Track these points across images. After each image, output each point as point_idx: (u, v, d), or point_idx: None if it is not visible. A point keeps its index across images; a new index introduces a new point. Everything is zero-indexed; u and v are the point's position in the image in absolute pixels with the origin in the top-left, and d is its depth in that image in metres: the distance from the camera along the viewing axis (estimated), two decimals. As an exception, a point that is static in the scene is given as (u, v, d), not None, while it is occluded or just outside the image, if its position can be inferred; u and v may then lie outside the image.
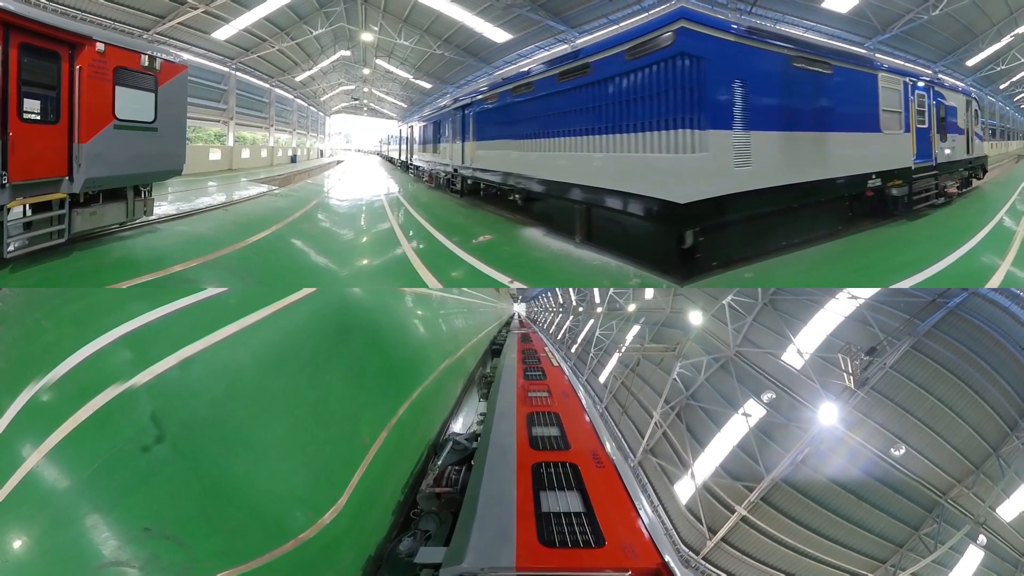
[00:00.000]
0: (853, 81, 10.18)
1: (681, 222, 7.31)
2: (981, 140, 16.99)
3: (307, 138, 61.58)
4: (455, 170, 19.12)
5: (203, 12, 27.45)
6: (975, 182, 16.30)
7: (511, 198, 13.93)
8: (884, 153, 10.86)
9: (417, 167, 29.67)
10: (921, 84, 12.46)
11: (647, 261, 8.35)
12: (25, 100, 7.58)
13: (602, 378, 28.76)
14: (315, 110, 64.74)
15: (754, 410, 17.80)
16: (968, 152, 15.24)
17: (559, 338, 43.40)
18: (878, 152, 10.70)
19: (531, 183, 11.74)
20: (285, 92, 50.50)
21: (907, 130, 11.70)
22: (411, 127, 32.68)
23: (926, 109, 12.54)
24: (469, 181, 17.82)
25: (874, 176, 10.55)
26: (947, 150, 13.56)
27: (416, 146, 29.79)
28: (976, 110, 16.19)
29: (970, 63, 28.59)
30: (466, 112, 17.32)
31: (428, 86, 46.79)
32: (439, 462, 8.52)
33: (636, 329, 27.02)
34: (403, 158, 36.84)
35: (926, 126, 12.52)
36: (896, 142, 11.33)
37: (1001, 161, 29.76)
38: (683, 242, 7.48)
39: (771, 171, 8.13)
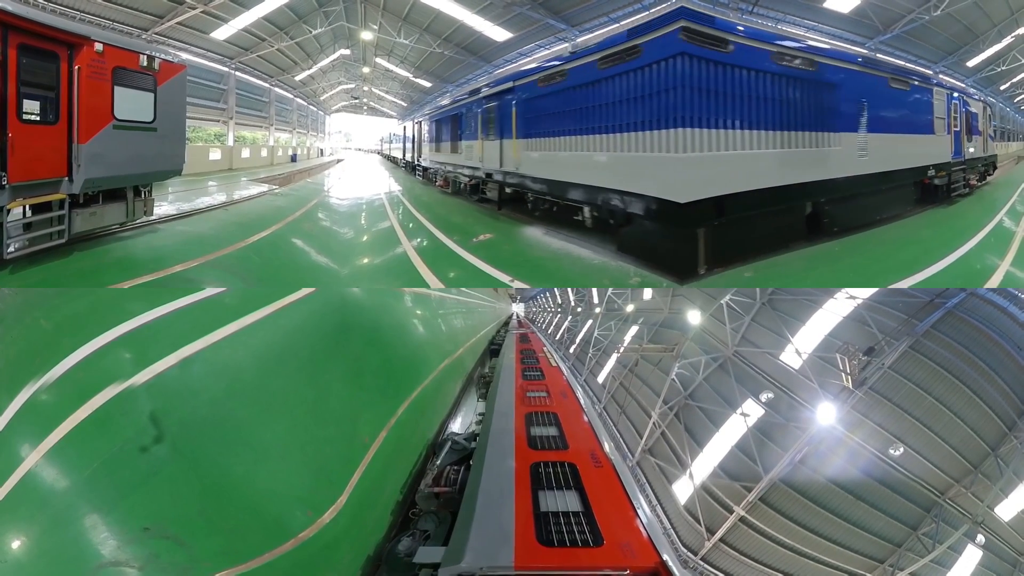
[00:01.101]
0: (921, 95, 12.81)
1: (815, 194, 9.47)
2: (993, 141, 19.43)
3: (307, 137, 61.55)
4: (488, 175, 14.89)
5: (202, 12, 27.43)
6: (988, 177, 18.65)
7: (578, 217, 10.20)
8: (936, 151, 13.43)
9: (426, 168, 26.13)
10: (956, 94, 14.82)
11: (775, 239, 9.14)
12: (24, 101, 7.59)
13: (600, 378, 28.77)
14: (315, 109, 64.71)
15: (752, 410, 17.80)
16: (984, 151, 17.71)
17: (557, 338, 43.41)
18: (933, 150, 13.24)
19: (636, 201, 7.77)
20: (285, 91, 50.48)
21: (948, 132, 14.13)
22: (418, 124, 28.34)
23: (958, 115, 14.91)
24: (509, 190, 13.91)
25: (931, 169, 13.23)
26: (971, 149, 15.92)
27: (426, 145, 25.56)
28: (990, 115, 18.40)
29: (971, 64, 28.59)
30: (508, 100, 12.81)
31: (428, 85, 46.78)
32: (438, 462, 8.53)
33: (635, 329, 27.03)
34: (408, 158, 32.83)
35: (958, 129, 14.85)
36: (942, 142, 13.83)
37: (1002, 162, 29.73)
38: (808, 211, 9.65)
39: (878, 161, 10.72)
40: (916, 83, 12.54)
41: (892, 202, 11.94)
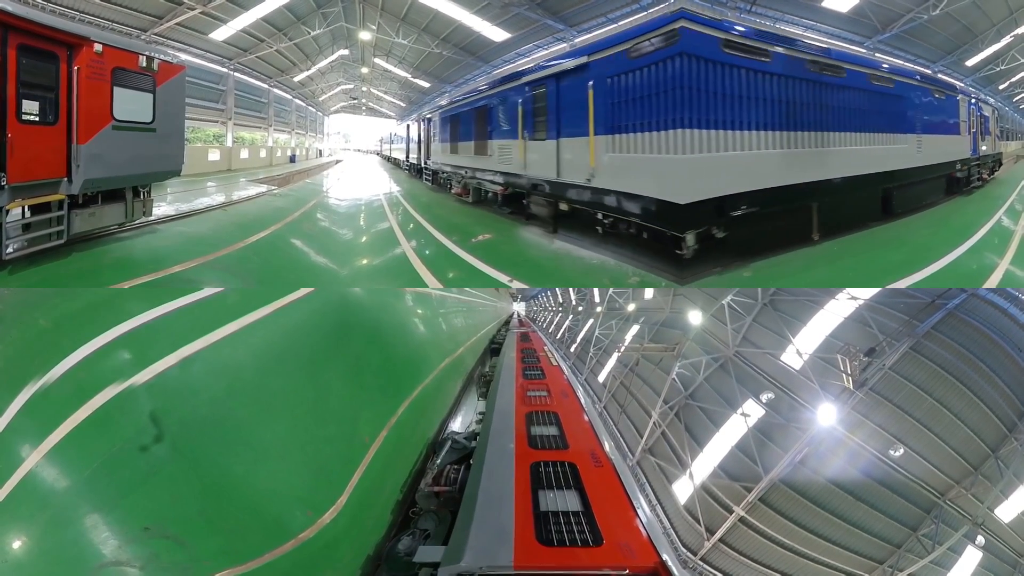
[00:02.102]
0: (952, 102, 15.20)
1: (892, 181, 11.87)
2: (1000, 140, 22.24)
3: (306, 138, 61.57)
4: (535, 186, 11.23)
5: (200, 13, 27.44)
6: (995, 172, 20.99)
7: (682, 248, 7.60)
8: (961, 149, 15.80)
9: (435, 172, 22.25)
10: (974, 101, 17.43)
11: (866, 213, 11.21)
12: (23, 101, 7.58)
13: (601, 377, 28.77)
14: (314, 110, 64.73)
15: (753, 410, 17.80)
16: (994, 149, 20.41)
17: (558, 337, 43.41)
18: (959, 148, 15.61)
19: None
20: (284, 92, 50.50)
21: (968, 133, 16.40)
22: (425, 121, 24.17)
23: (975, 118, 17.34)
24: (567, 207, 10.58)
25: (958, 163, 15.61)
26: (984, 147, 18.31)
27: (437, 145, 21.13)
28: (997, 117, 21.05)
29: (970, 63, 28.60)
30: (576, 83, 9.33)
31: (427, 85, 46.78)
32: (438, 461, 8.53)
33: (635, 329, 27.03)
34: (412, 160, 28.98)
35: (975, 130, 17.17)
36: (965, 141, 16.14)
37: (1003, 160, 30.04)
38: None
39: (927, 156, 13.23)
40: (949, 93, 15.03)
41: (933, 190, 14.44)
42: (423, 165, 25.00)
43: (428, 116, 23.75)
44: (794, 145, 8.80)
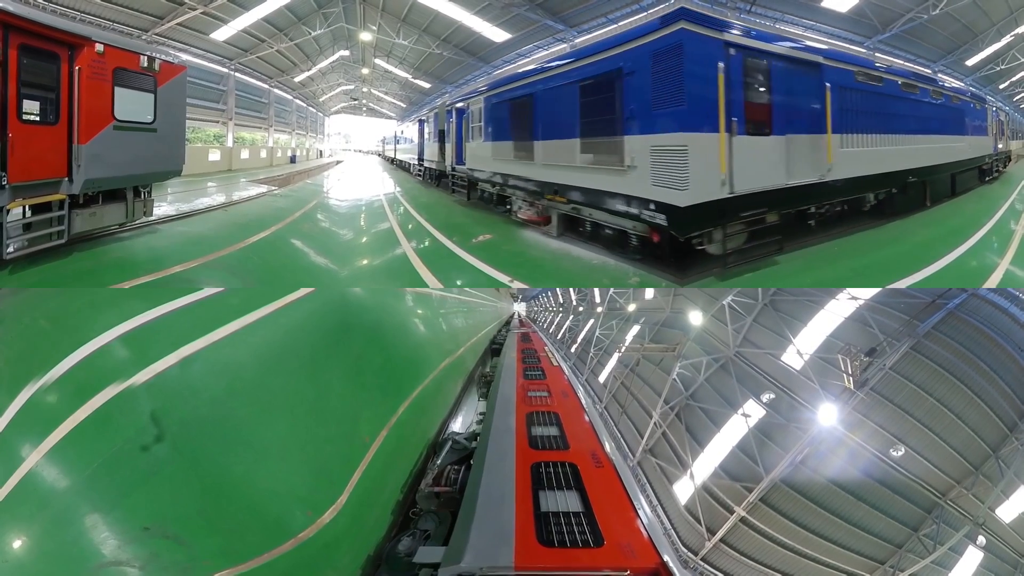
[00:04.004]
0: (984, 111, 18.74)
1: (954, 169, 15.52)
2: (1011, 140, 26.77)
3: (306, 138, 61.60)
4: (644, 212, 7.84)
5: (202, 13, 27.45)
6: (1007, 166, 24.48)
7: None
8: (988, 146, 19.17)
9: (471, 182, 17.34)
10: (995, 108, 21.39)
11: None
12: (24, 101, 7.59)
13: (602, 378, 28.76)
14: (314, 110, 64.75)
15: (753, 410, 17.79)
16: (1007, 147, 24.00)
17: (559, 338, 43.41)
18: (987, 145, 18.98)
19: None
20: (284, 92, 50.53)
21: (990, 134, 19.57)
22: (455, 113, 19.11)
23: (995, 122, 20.68)
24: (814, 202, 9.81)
25: (986, 157, 18.99)
26: (999, 145, 21.48)
27: (479, 146, 15.34)
28: (1008, 120, 24.98)
29: (970, 63, 28.58)
30: (820, 80, 9.34)
31: (427, 85, 46.82)
32: (438, 461, 8.52)
33: (636, 329, 27.03)
34: (432, 165, 24.26)
35: (995, 131, 20.40)
36: (990, 141, 19.49)
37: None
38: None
39: (972, 151, 16.93)
40: (982, 104, 18.83)
41: (972, 177, 17.97)
42: (450, 171, 19.89)
43: (460, 106, 18.47)
44: (910, 144, 12.70)
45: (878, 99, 11.10)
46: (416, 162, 28.71)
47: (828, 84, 9.40)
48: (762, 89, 8.26)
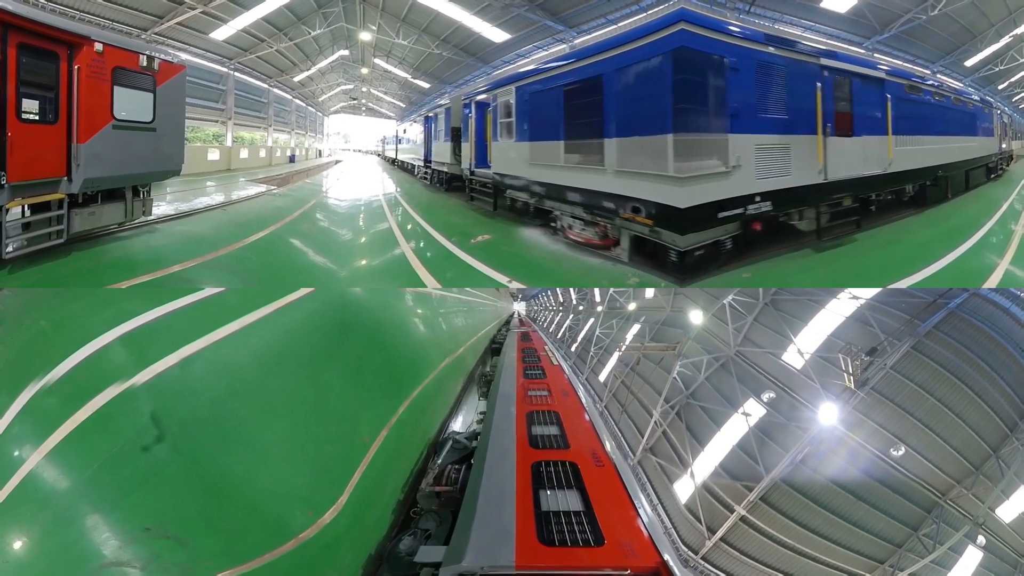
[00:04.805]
0: (991, 114, 20.49)
1: (967, 166, 17.20)
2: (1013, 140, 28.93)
3: (305, 138, 61.58)
4: (749, 208, 8.30)
5: (201, 12, 27.42)
6: (1009, 165, 26.02)
7: None
8: (994, 146, 20.59)
9: (496, 187, 14.60)
10: (1000, 112, 23.16)
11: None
12: (24, 100, 7.57)
13: (602, 377, 28.76)
14: (313, 110, 64.73)
15: (754, 410, 17.79)
16: (1009, 147, 25.53)
17: (559, 337, 43.41)
18: (993, 145, 20.49)
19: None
20: (283, 92, 50.50)
21: (995, 135, 20.91)
22: (475, 108, 16.07)
23: (1000, 124, 22.44)
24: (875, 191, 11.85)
25: (992, 156, 20.52)
26: (1003, 145, 23.15)
27: (513, 146, 12.53)
28: (1010, 122, 26.91)
29: (969, 63, 28.57)
30: (881, 92, 11.31)
31: (426, 85, 46.78)
32: (439, 461, 8.52)
33: (636, 328, 27.03)
34: (444, 166, 21.23)
35: (1000, 132, 22.13)
36: (995, 141, 20.79)
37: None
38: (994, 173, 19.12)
39: (981, 150, 18.51)
40: (990, 108, 20.67)
41: (981, 174, 19.26)
42: (468, 175, 16.92)
43: (481, 98, 15.41)
44: (939, 144, 14.48)
45: (919, 106, 13.26)
46: (422, 164, 25.74)
47: (888, 96, 11.59)
48: (846, 101, 10.19)
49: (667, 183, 7.55)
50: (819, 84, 9.29)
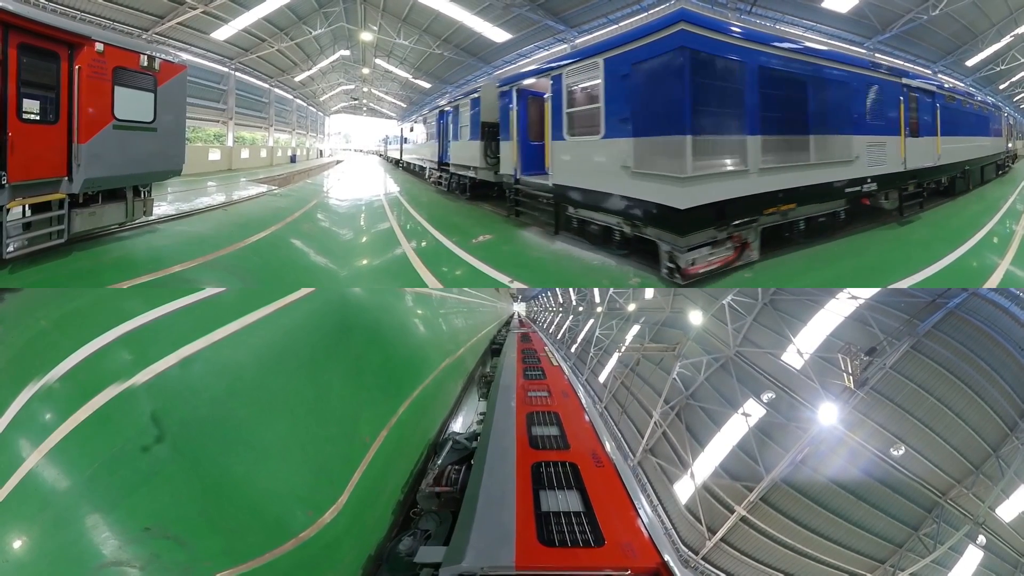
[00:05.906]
0: (999, 116, 22.14)
1: (982, 163, 19.01)
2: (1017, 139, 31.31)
3: (306, 138, 61.60)
4: (864, 186, 10.44)
5: (202, 12, 27.44)
6: (1014, 163, 27.47)
7: None
8: (1001, 145, 22.15)
9: (530, 196, 12.54)
10: (1005, 114, 24.84)
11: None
12: (24, 100, 7.58)
13: (602, 378, 28.76)
14: (314, 110, 64.76)
15: (754, 410, 17.79)
16: (1014, 147, 26.86)
17: (559, 338, 43.40)
18: (1001, 144, 22.05)
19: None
20: (284, 92, 50.52)
21: (1002, 136, 22.57)
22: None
23: (1005, 125, 24.09)
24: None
25: (1001, 154, 22.10)
26: (1009, 144, 24.74)
27: (579, 144, 9.51)
28: (1014, 123, 28.95)
29: (970, 63, 28.58)
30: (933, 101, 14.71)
31: (427, 85, 46.82)
32: (439, 461, 8.52)
33: (636, 329, 27.02)
34: (460, 169, 18.45)
35: (1006, 133, 23.93)
36: (1003, 141, 22.65)
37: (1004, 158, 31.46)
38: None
39: (992, 149, 20.22)
40: (998, 111, 22.30)
41: (991, 171, 20.53)
42: (513, 183, 13.36)
43: (528, 85, 12.61)
44: (965, 143, 16.68)
45: (954, 112, 15.73)
46: (434, 166, 22.21)
47: (938, 105, 14.53)
48: (918, 110, 13.37)
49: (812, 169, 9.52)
50: (901, 98, 12.39)
